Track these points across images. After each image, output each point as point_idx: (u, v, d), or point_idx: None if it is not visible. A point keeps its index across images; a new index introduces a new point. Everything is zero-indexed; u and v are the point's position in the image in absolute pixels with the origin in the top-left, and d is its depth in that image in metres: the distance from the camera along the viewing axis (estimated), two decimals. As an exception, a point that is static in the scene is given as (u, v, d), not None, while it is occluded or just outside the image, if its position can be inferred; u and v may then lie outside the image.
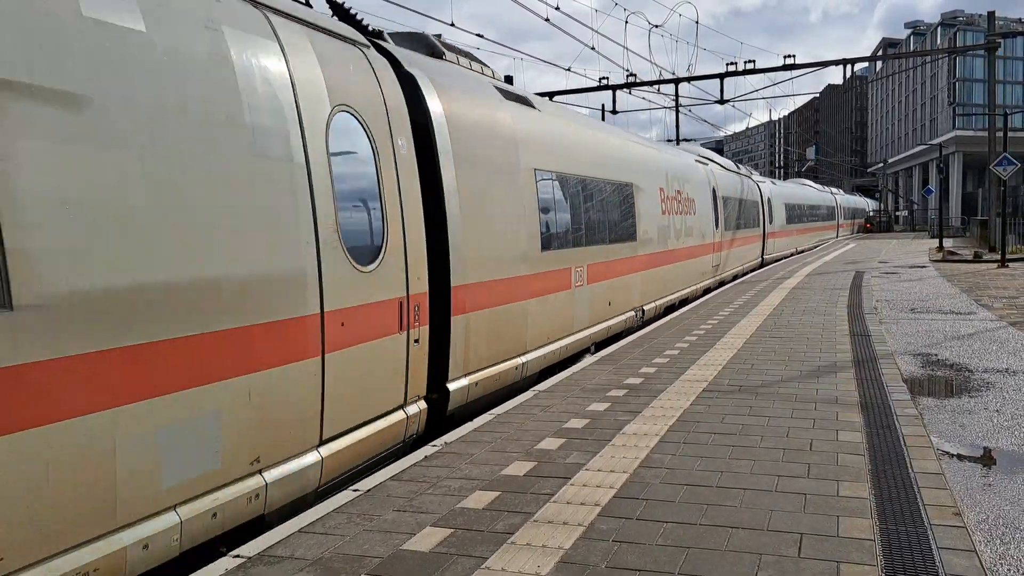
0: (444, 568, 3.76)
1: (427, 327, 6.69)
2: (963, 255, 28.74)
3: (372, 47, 6.70)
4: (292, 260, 4.99)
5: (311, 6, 6.27)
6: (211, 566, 3.88)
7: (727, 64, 28.98)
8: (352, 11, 7.13)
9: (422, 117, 7.00)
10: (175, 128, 4.25)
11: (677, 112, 35.23)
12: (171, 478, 4.10)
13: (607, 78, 30.72)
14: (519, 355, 8.54)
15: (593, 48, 24.06)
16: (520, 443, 5.88)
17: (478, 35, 20.21)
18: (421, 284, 6.56)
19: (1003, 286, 17.77)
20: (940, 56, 74.36)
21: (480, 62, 9.32)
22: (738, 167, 26.53)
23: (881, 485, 4.73)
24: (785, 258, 32.22)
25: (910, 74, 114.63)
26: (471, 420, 6.78)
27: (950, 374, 8.29)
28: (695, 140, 41.13)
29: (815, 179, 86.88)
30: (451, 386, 7.15)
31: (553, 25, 19.97)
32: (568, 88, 29.20)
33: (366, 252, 5.84)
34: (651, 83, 30.29)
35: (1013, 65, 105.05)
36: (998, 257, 25.50)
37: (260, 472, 4.74)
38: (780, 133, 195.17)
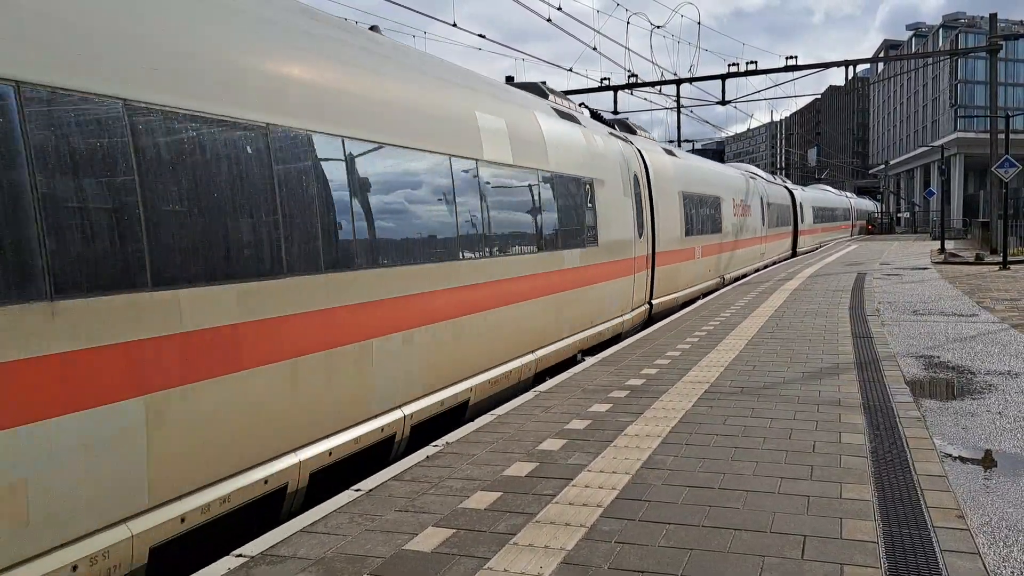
0: (446, 568, 3.76)
1: (651, 269, 13.86)
2: (964, 257, 28.71)
3: (627, 140, 13.84)
4: (630, 233, 12.29)
5: (619, 126, 15.38)
6: (214, 565, 3.87)
7: (729, 65, 28.96)
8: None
9: (645, 170, 13.95)
10: (614, 185, 11.64)
11: (679, 113, 35.20)
12: (608, 312, 11.42)
13: (608, 79, 30.71)
14: (675, 292, 15.74)
15: (595, 49, 24.03)
16: (521, 444, 5.87)
17: (480, 35, 20.15)
18: (648, 248, 13.64)
19: (1004, 288, 17.75)
20: (942, 58, 74.31)
21: (645, 131, 17.05)
22: (773, 177, 34.90)
23: (884, 487, 4.72)
24: (812, 250, 38.82)
25: (912, 76, 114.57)
26: (662, 320, 13.17)
27: (952, 376, 8.28)
28: (696, 141, 41.22)
29: (817, 180, 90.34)
30: (654, 301, 14.24)
31: (555, 25, 19.96)
32: (570, 89, 29.18)
33: (640, 231, 12.98)
34: (653, 84, 30.27)
35: (1015, 67, 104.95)
36: (999, 259, 25.47)
37: (622, 316, 12.20)
38: (782, 134, 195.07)
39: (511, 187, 8.39)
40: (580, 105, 13.52)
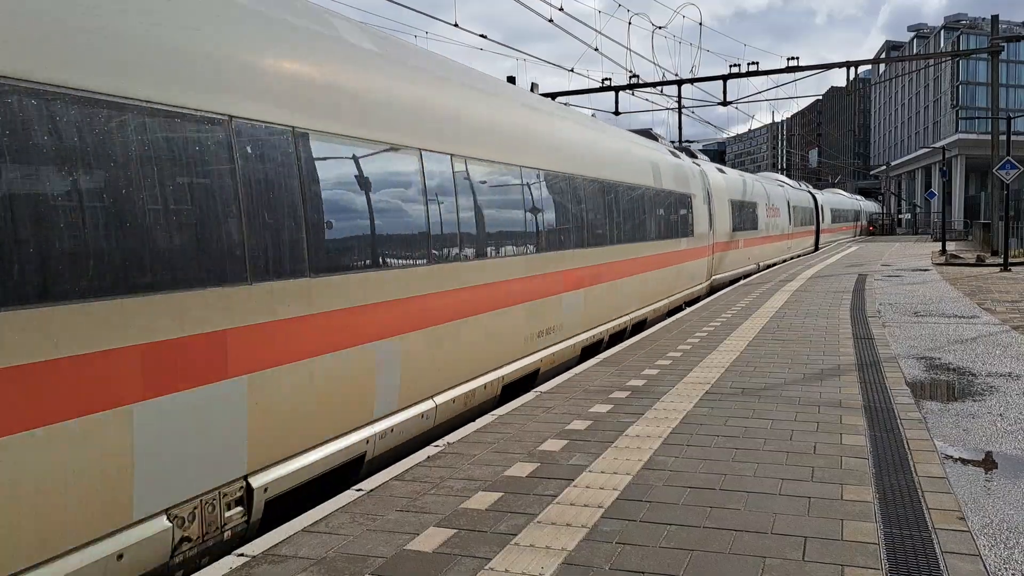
0: (447, 568, 3.76)
1: (713, 255, 18.94)
2: (965, 259, 28.69)
3: (697, 163, 19.34)
4: (706, 229, 18.17)
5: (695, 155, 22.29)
6: (216, 564, 3.88)
7: (730, 66, 28.94)
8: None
9: (707, 184, 18.80)
10: (698, 196, 17.51)
11: (680, 114, 35.19)
12: (695, 280, 17.28)
13: (610, 79, 30.67)
14: (725, 272, 21.04)
15: (596, 49, 24.04)
16: (522, 444, 5.88)
17: (481, 35, 20.15)
18: (710, 240, 18.67)
19: (1005, 290, 17.75)
20: (943, 59, 74.32)
21: (704, 155, 23.47)
22: (799, 185, 43.46)
23: (885, 489, 4.72)
24: (829, 244, 46.28)
25: (913, 77, 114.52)
26: (721, 291, 18.54)
27: (953, 378, 8.28)
28: (697, 142, 41.52)
29: (818, 181, 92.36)
30: (714, 277, 19.38)
31: (556, 26, 19.98)
32: (571, 89, 29.19)
33: (711, 227, 18.74)
34: (654, 84, 30.25)
35: (1016, 69, 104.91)
36: (1000, 261, 25.46)
37: (701, 284, 17.94)
38: (783, 135, 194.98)
39: (663, 201, 14.57)
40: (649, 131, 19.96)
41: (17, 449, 3.30)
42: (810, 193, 41.73)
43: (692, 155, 21.11)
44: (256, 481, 4.59)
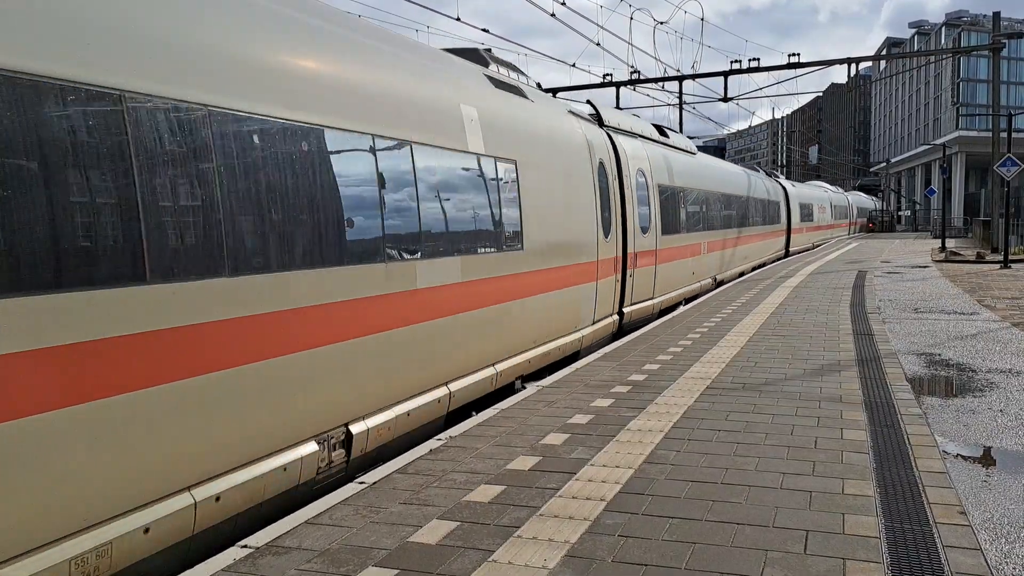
0: (451, 560, 3.78)
1: (788, 235, 32.79)
2: (965, 256, 28.70)
3: (778, 180, 34.50)
4: (784, 220, 31.61)
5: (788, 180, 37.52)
6: (219, 556, 3.90)
7: (731, 62, 28.92)
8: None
9: (785, 193, 32.53)
10: (780, 200, 31.07)
11: (681, 110, 35.14)
12: (775, 251, 30.27)
13: (611, 75, 30.65)
14: (796, 247, 34.74)
15: (598, 44, 24.05)
16: (525, 438, 5.90)
17: (483, 30, 20.14)
18: (787, 227, 32.44)
19: (1006, 287, 17.77)
20: (944, 56, 74.33)
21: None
22: (838, 189, 60.08)
23: (886, 483, 4.74)
24: (859, 232, 64.36)
25: (914, 74, 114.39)
26: (797, 253, 34.65)
27: (953, 374, 8.30)
28: (698, 138, 41.71)
29: (819, 178, 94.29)
30: (790, 248, 33.57)
31: (559, 21, 19.97)
32: (572, 85, 29.19)
33: (788, 219, 32.65)
34: (655, 80, 30.23)
35: (1018, 66, 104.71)
36: (1000, 258, 25.48)
37: (778, 253, 31.37)
38: (783, 131, 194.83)
39: (768, 206, 26.79)
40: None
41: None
42: (845, 195, 59.72)
43: (775, 175, 33.29)
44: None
